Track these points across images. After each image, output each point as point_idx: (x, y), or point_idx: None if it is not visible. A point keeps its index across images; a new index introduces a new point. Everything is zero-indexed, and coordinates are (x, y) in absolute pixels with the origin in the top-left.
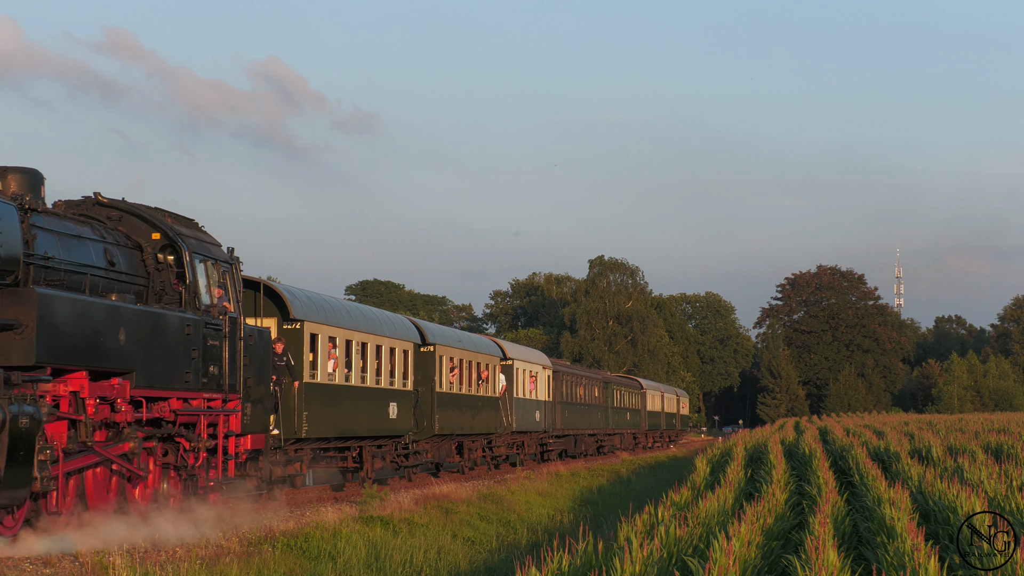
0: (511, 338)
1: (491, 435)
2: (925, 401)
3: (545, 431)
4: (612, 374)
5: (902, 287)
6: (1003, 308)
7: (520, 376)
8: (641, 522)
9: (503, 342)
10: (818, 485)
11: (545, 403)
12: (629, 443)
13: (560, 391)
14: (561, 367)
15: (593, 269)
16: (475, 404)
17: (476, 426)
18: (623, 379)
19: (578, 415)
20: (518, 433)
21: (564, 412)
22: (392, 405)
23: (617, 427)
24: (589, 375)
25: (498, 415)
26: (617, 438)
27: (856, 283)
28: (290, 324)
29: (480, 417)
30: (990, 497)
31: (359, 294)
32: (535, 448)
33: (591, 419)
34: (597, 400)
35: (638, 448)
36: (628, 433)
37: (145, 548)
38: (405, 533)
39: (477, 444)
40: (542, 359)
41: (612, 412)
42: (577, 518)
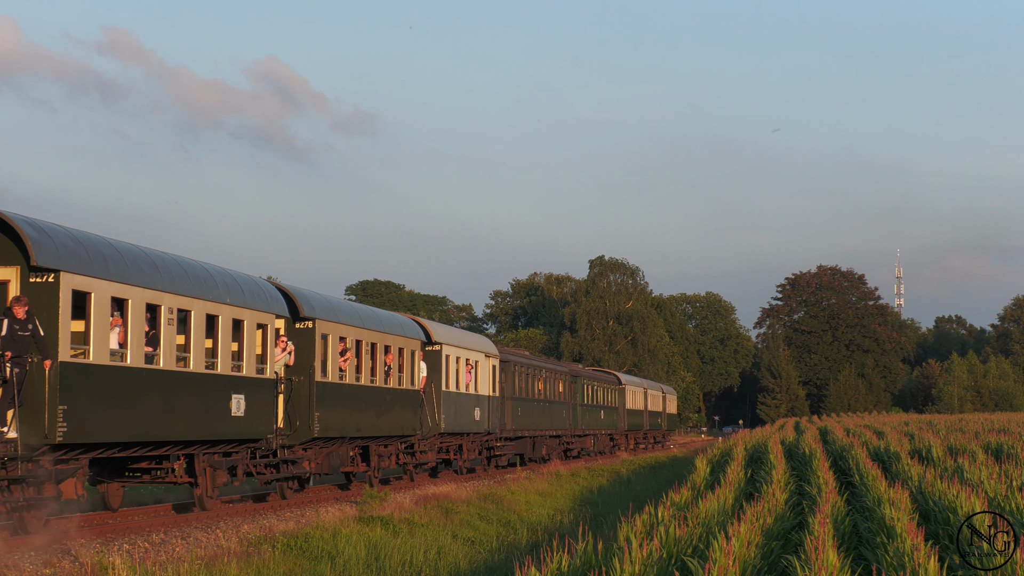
0: (511, 338)
1: (409, 438)
2: (925, 401)
3: (490, 433)
4: (583, 367)
5: (902, 287)
6: (1003, 308)
7: (451, 365)
8: (641, 522)
9: (429, 322)
10: (818, 485)
11: (489, 399)
12: (604, 445)
13: (511, 385)
14: (513, 356)
15: (593, 269)
16: (380, 399)
17: (383, 427)
18: (598, 373)
19: (536, 413)
20: (449, 435)
21: (517, 410)
22: (235, 399)
23: (589, 427)
24: (551, 367)
25: (417, 413)
26: (589, 440)
27: (856, 283)
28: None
29: (390, 416)
30: (990, 497)
31: (359, 294)
32: (477, 453)
33: (554, 418)
34: (562, 396)
35: (616, 451)
36: (603, 434)
37: (145, 548)
38: (405, 533)
39: (390, 449)
40: (484, 345)
41: (581, 410)
42: (577, 518)
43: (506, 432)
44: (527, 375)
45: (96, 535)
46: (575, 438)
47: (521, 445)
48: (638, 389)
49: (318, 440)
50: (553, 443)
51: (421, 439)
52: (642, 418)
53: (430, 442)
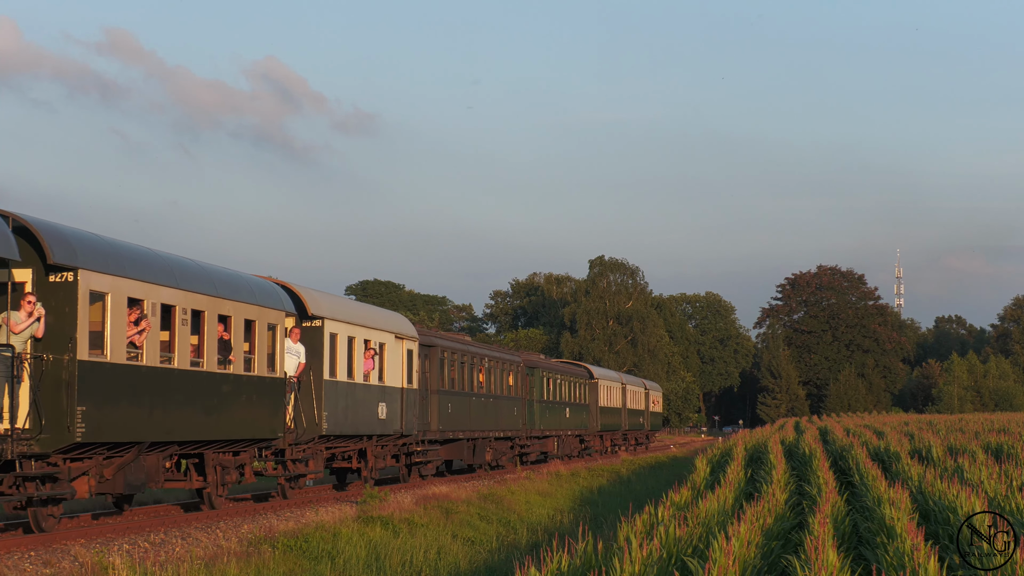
0: (511, 338)
1: (268, 441)
2: (925, 401)
3: (404, 435)
4: (544, 357)
5: (902, 287)
6: (1003, 308)
7: (339, 347)
8: (641, 522)
9: (307, 290)
10: (818, 485)
11: (404, 392)
12: (572, 447)
13: (439, 376)
14: (442, 340)
15: (593, 269)
16: (213, 389)
17: (221, 427)
18: (564, 365)
19: (476, 411)
20: (340, 439)
21: (446, 407)
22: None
23: (550, 428)
24: (498, 355)
25: (281, 409)
26: (551, 442)
27: (856, 283)
28: None
29: (232, 412)
30: (990, 497)
31: (359, 294)
32: (387, 460)
33: (501, 417)
34: (513, 391)
35: (585, 456)
36: (569, 435)
37: (145, 548)
38: (405, 533)
39: (243, 457)
40: (396, 324)
41: (540, 408)
42: (577, 518)
43: (431, 434)
44: (462, 364)
45: (96, 535)
46: (532, 440)
47: (454, 449)
48: (614, 384)
49: (80, 448)
50: (502, 446)
51: (294, 443)
52: (619, 417)
53: (312, 447)
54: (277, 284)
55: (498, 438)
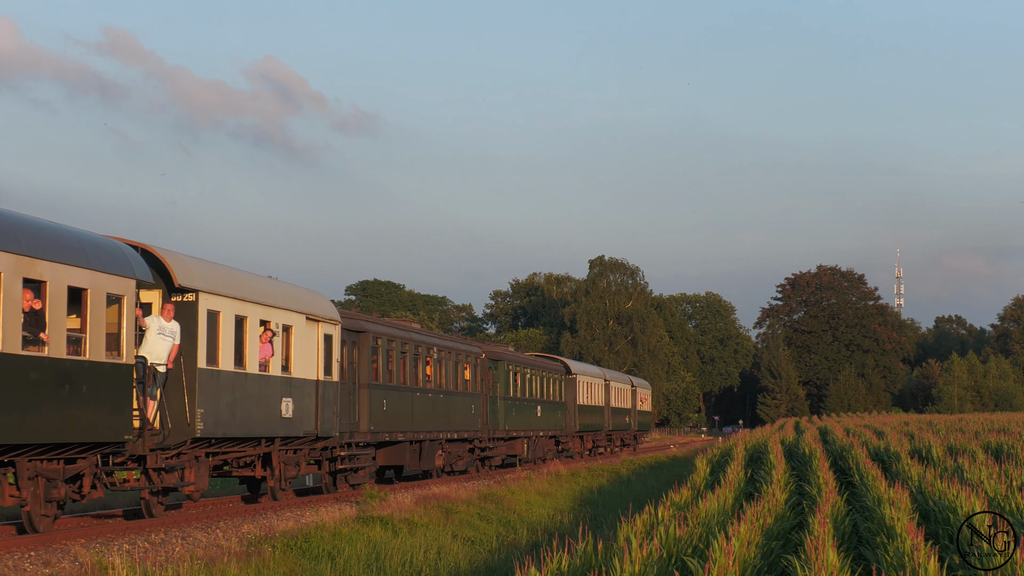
0: (511, 338)
1: (115, 446)
2: (925, 401)
3: (322, 436)
4: (511, 349)
5: (902, 287)
6: (1003, 308)
7: (222, 328)
8: (641, 522)
9: (175, 255)
10: (818, 485)
11: (321, 386)
12: (545, 450)
13: (370, 367)
14: (373, 325)
15: (593, 269)
16: (17, 378)
17: (32, 428)
18: (536, 359)
19: (422, 409)
20: (227, 442)
21: (381, 403)
22: None
23: (519, 428)
24: (450, 345)
25: (127, 406)
26: (521, 444)
27: (856, 283)
28: None
29: (48, 408)
30: (990, 497)
31: (359, 294)
32: (301, 468)
33: (455, 415)
34: (471, 386)
35: (563, 457)
36: (542, 436)
37: (145, 548)
38: (405, 533)
39: (83, 465)
40: (309, 303)
41: (505, 405)
42: (577, 518)
43: (361, 435)
44: (403, 355)
45: (96, 535)
46: (496, 442)
47: (395, 453)
48: (595, 380)
49: None
50: (458, 449)
51: (158, 448)
52: (602, 417)
53: (189, 453)
54: (130, 245)
55: (452, 440)
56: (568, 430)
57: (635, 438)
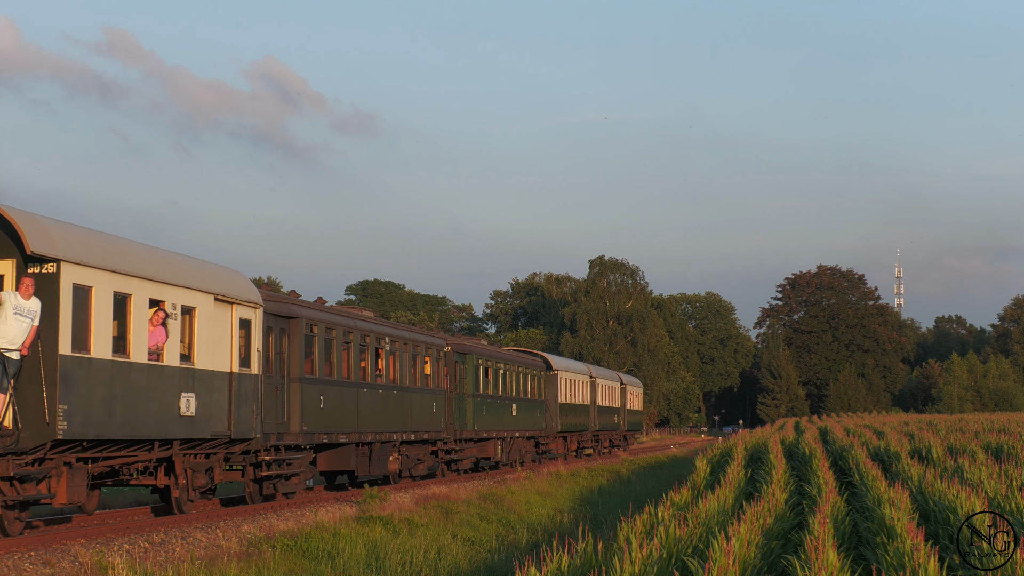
0: (511, 338)
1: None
2: (925, 401)
3: (238, 438)
4: (482, 342)
5: (902, 287)
6: (1003, 308)
7: (95, 306)
8: (641, 522)
9: (26, 215)
10: (818, 485)
11: (236, 379)
12: (523, 452)
13: (303, 358)
14: (307, 311)
15: (593, 269)
16: None
17: None
18: (512, 354)
19: (370, 407)
20: (107, 445)
21: (319, 400)
22: None
23: (489, 428)
24: (407, 335)
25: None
26: (493, 445)
27: (856, 283)
28: None
29: None
30: (990, 497)
31: (359, 294)
32: (216, 475)
33: (413, 415)
34: (432, 381)
35: (544, 460)
36: (519, 437)
37: (145, 548)
38: (405, 533)
39: None
40: (217, 280)
41: (474, 403)
42: (577, 518)
43: (291, 436)
44: (346, 345)
45: (96, 535)
46: (464, 444)
47: (337, 457)
48: (579, 377)
49: None
50: (417, 452)
51: (9, 452)
52: (587, 416)
53: (54, 461)
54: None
55: (410, 442)
56: (549, 430)
57: (625, 439)
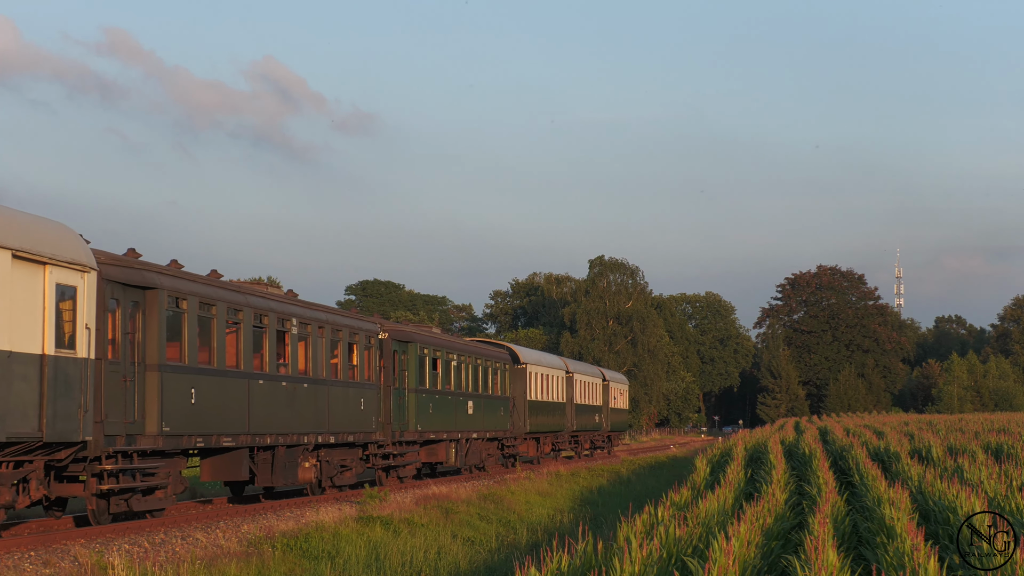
0: (511, 338)
1: None
2: (925, 401)
3: (51, 440)
4: (435, 330)
5: (902, 287)
6: (1003, 308)
7: None
8: (641, 522)
9: None
10: (818, 485)
11: (51, 362)
12: (484, 455)
13: (157, 341)
14: (169, 280)
15: (593, 269)
16: None
17: None
18: (472, 345)
19: (265, 403)
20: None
21: (186, 394)
22: None
23: (438, 428)
24: (324, 317)
25: None
26: (445, 448)
27: (856, 283)
28: None
29: None
30: (990, 497)
31: (359, 294)
32: (19, 491)
33: (330, 412)
34: (360, 373)
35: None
36: (476, 438)
37: (145, 548)
38: (405, 533)
39: None
40: (16, 233)
41: (419, 400)
42: (577, 518)
43: (146, 439)
44: (231, 326)
45: (96, 535)
46: (406, 446)
47: (224, 464)
48: (553, 372)
49: None
50: (342, 456)
51: None
52: (562, 415)
53: None
54: None
55: (331, 445)
56: (516, 431)
57: (609, 440)
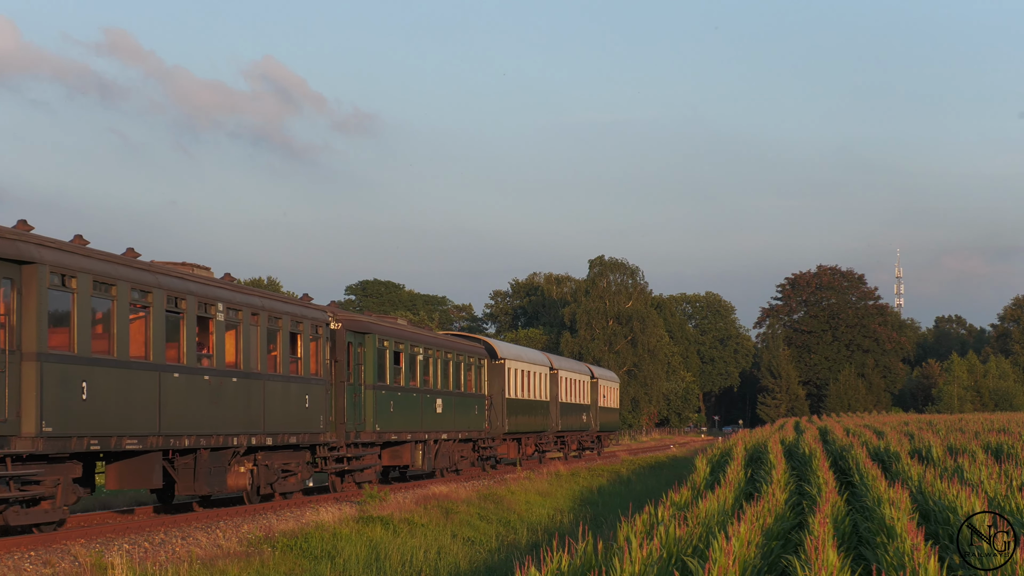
0: (511, 338)
1: None
2: (925, 401)
3: None
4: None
5: (902, 287)
6: (1003, 308)
7: None
8: (641, 522)
9: None
10: (818, 485)
11: None
12: (457, 457)
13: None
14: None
15: (593, 269)
16: None
17: None
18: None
19: (179, 400)
20: None
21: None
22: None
23: (401, 428)
24: (257, 303)
25: None
26: (410, 450)
27: (856, 283)
28: None
29: None
30: (990, 497)
31: (359, 294)
32: None
33: (266, 411)
34: (300, 367)
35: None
36: (447, 440)
37: (145, 548)
38: (405, 533)
39: None
40: None
41: (378, 398)
42: (577, 518)
43: (21, 441)
44: (139, 309)
45: (96, 535)
46: (364, 448)
47: (128, 471)
48: (535, 368)
49: None
50: (283, 459)
51: None
52: (546, 415)
53: None
54: None
55: (269, 447)
56: (494, 431)
57: (598, 440)
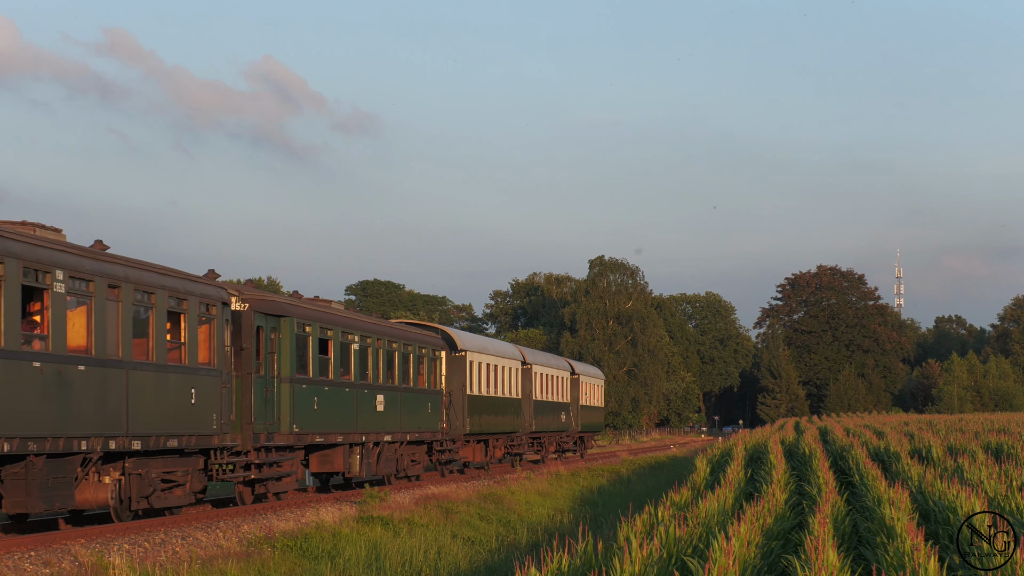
0: (511, 339)
1: None
2: (925, 401)
3: None
4: (338, 306)
5: (902, 287)
6: (1003, 308)
7: None
8: (641, 522)
9: None
10: (818, 485)
11: None
12: (407, 462)
13: None
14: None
15: (593, 269)
16: None
17: None
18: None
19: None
20: None
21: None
22: None
23: (325, 428)
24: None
25: None
26: (343, 454)
27: (856, 283)
28: None
29: None
30: (990, 497)
31: (359, 294)
32: None
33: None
34: (184, 354)
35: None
36: (391, 442)
37: (145, 548)
38: (405, 533)
39: None
40: None
41: (298, 393)
42: (577, 518)
43: None
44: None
45: (96, 535)
46: (279, 452)
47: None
48: (504, 363)
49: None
50: (165, 468)
51: None
52: (517, 414)
53: None
54: None
55: (140, 453)
56: (453, 432)
57: (581, 441)
